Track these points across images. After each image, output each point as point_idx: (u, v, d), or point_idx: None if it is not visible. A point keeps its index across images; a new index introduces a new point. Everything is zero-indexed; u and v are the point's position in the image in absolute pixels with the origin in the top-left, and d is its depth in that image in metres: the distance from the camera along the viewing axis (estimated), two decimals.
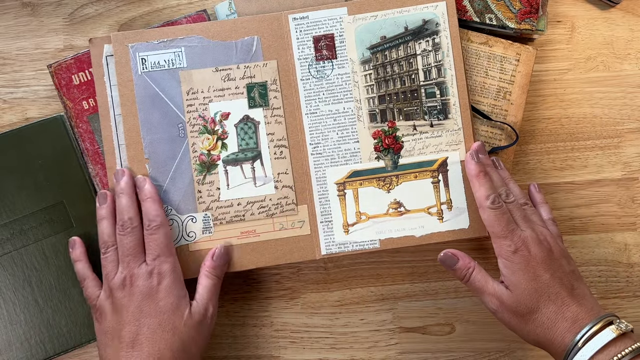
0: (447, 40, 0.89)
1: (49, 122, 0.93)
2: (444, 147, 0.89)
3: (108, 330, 0.81)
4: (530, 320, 0.78)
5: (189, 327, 0.81)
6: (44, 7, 0.99)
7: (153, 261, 0.82)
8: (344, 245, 0.89)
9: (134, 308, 0.80)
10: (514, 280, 0.79)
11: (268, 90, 0.90)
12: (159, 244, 0.83)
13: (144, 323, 0.79)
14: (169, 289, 0.81)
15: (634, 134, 0.97)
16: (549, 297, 0.78)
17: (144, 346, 0.78)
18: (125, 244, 0.83)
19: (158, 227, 0.84)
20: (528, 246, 0.79)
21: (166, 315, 0.80)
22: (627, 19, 0.99)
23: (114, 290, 0.81)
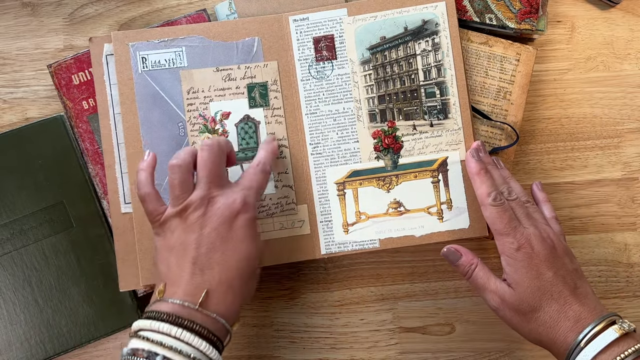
0: (447, 40, 0.89)
1: (49, 122, 0.93)
2: (444, 146, 0.89)
3: (174, 246, 0.76)
4: (532, 319, 0.78)
5: (259, 259, 0.78)
6: (44, 7, 0.99)
7: (242, 189, 0.78)
8: (344, 245, 0.89)
9: (209, 229, 0.75)
10: (517, 278, 0.78)
11: (268, 90, 0.91)
12: (258, 180, 0.80)
13: (219, 247, 0.75)
14: (249, 221, 0.77)
15: (634, 134, 0.97)
16: (552, 295, 0.77)
17: (215, 271, 0.74)
18: (208, 162, 0.78)
19: (267, 172, 0.82)
20: (531, 243, 0.79)
21: (244, 244, 0.76)
22: (627, 19, 0.99)
23: (189, 208, 0.76)
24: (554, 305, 0.77)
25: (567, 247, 0.82)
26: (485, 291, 0.81)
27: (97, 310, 0.91)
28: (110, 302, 0.91)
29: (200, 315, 0.71)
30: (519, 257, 0.78)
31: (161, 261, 0.76)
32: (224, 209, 0.76)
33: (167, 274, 0.75)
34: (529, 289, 0.77)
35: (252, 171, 0.80)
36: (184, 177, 0.77)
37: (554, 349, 0.77)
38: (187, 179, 0.77)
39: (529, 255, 0.78)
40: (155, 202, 0.78)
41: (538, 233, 0.80)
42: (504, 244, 0.80)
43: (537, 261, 0.78)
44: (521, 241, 0.79)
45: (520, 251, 0.78)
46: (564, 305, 0.77)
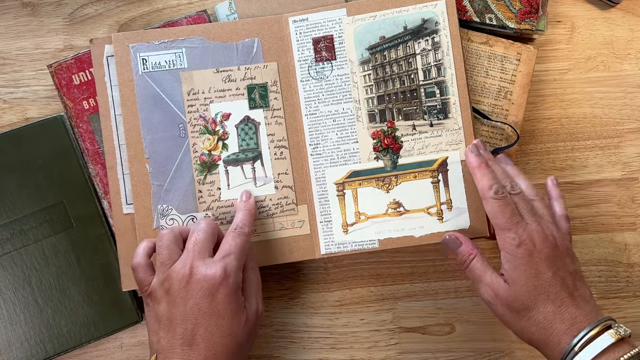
0: (447, 39, 0.89)
1: (49, 122, 0.93)
2: (444, 146, 0.88)
3: (161, 318, 0.77)
4: (525, 317, 0.77)
5: (246, 331, 0.78)
6: (44, 7, 0.99)
7: (222, 259, 0.78)
8: (343, 245, 0.89)
9: (192, 304, 0.75)
10: (514, 275, 0.77)
11: (268, 91, 0.91)
12: (237, 245, 0.80)
13: (202, 323, 0.75)
14: (229, 295, 0.77)
15: (634, 134, 0.97)
16: (548, 296, 0.76)
17: (201, 347, 0.74)
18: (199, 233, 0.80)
19: (245, 235, 0.82)
20: (533, 240, 0.77)
21: (225, 320, 0.76)
22: (627, 19, 0.99)
23: (172, 278, 0.77)
24: (550, 306, 0.76)
25: (570, 247, 0.81)
26: (480, 283, 0.80)
27: (97, 310, 0.91)
28: (110, 302, 0.91)
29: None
30: (518, 254, 0.77)
31: (152, 332, 0.78)
32: (204, 281, 0.76)
33: (157, 347, 0.77)
34: (525, 287, 0.77)
35: (230, 237, 0.81)
36: (170, 243, 0.80)
37: (547, 351, 0.76)
38: (173, 246, 0.80)
39: (529, 252, 0.77)
40: (144, 273, 0.80)
41: (541, 230, 0.78)
42: (504, 239, 0.78)
43: (537, 259, 0.77)
44: (522, 237, 0.77)
45: (521, 247, 0.77)
46: (560, 307, 0.76)
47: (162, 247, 0.79)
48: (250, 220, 0.84)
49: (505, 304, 0.78)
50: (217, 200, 0.89)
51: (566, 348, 0.73)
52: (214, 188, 0.89)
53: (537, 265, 0.77)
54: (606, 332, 0.72)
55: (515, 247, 0.77)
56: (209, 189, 0.89)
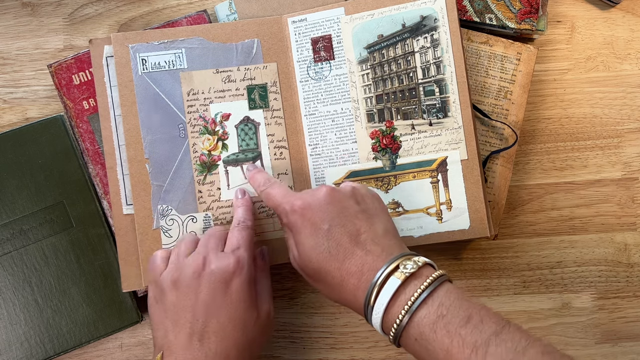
0: (447, 36, 0.88)
1: (49, 122, 0.93)
2: (444, 146, 0.88)
3: (169, 309, 0.75)
4: (321, 283, 0.72)
5: (257, 328, 0.77)
6: (44, 7, 0.99)
7: (233, 252, 0.77)
8: None
9: (204, 295, 0.74)
10: (296, 240, 0.73)
11: (268, 92, 0.91)
12: (245, 239, 0.79)
13: (214, 315, 0.74)
14: (244, 285, 0.76)
15: (634, 134, 0.97)
16: (330, 252, 0.70)
17: (212, 342, 0.73)
18: (211, 233, 0.81)
19: (249, 227, 0.82)
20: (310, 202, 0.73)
21: (239, 312, 0.75)
22: (627, 19, 0.99)
23: (184, 268, 0.76)
24: (334, 262, 0.70)
25: (359, 188, 0.77)
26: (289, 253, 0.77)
27: (97, 310, 0.91)
28: (110, 302, 0.91)
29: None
30: (292, 219, 0.73)
31: (157, 327, 0.77)
32: (218, 273, 0.75)
33: (163, 342, 0.75)
34: (307, 250, 0.72)
35: (236, 231, 0.81)
36: (188, 242, 0.81)
37: (357, 311, 0.70)
38: (191, 245, 0.80)
39: (302, 215, 0.73)
40: (158, 262, 0.80)
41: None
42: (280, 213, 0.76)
43: (310, 214, 0.73)
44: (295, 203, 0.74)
45: (295, 213, 0.73)
46: (344, 261, 0.70)
47: (180, 242, 0.80)
48: (250, 214, 0.84)
49: (301, 272, 0.75)
50: (217, 200, 0.89)
51: (363, 303, 0.68)
52: (213, 188, 0.89)
53: (311, 222, 0.72)
54: (393, 275, 0.66)
55: (289, 214, 0.74)
56: (209, 189, 0.89)
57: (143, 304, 0.90)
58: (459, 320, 0.63)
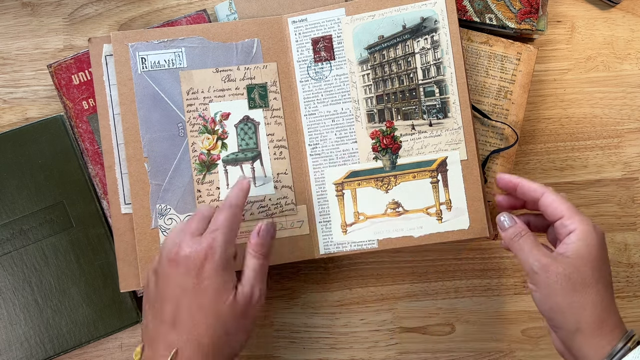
0: (447, 37, 0.88)
1: (49, 122, 0.93)
2: (443, 146, 0.88)
3: (150, 300, 0.76)
4: (580, 292, 0.72)
5: (234, 313, 0.74)
6: (44, 7, 0.99)
7: (208, 234, 0.75)
8: (342, 245, 0.89)
9: (174, 284, 0.74)
10: (584, 252, 0.73)
11: (268, 91, 0.91)
12: (223, 219, 0.77)
13: (184, 303, 0.73)
14: (216, 270, 0.73)
15: (634, 134, 0.97)
16: (606, 281, 0.73)
17: (183, 328, 0.72)
18: (193, 216, 0.79)
19: (230, 206, 0.78)
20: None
21: (207, 298, 0.73)
22: (627, 19, 0.99)
23: (162, 259, 0.76)
24: (606, 292, 0.73)
25: None
26: (529, 254, 0.75)
27: (97, 310, 0.91)
28: (110, 302, 0.91)
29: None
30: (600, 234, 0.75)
31: (144, 317, 0.78)
32: (189, 259, 0.74)
33: (145, 333, 0.76)
34: (590, 264, 0.72)
35: (218, 211, 0.78)
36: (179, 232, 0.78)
37: (595, 332, 0.72)
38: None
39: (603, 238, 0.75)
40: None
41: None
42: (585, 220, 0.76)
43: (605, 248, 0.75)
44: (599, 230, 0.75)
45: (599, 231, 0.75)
46: (612, 296, 0.74)
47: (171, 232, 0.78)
48: (241, 195, 0.80)
49: (560, 273, 0.72)
50: (216, 199, 0.89)
51: (627, 334, 0.71)
52: (212, 187, 0.89)
53: (605, 253, 0.75)
54: None
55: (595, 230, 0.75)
56: (208, 188, 0.89)
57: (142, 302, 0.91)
58: None
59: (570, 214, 0.75)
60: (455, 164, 0.88)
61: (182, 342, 0.72)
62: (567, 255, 0.73)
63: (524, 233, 0.77)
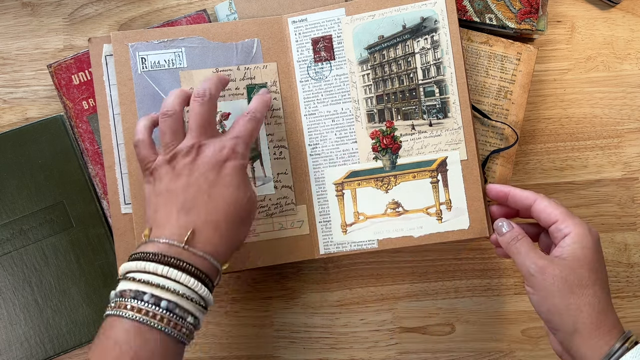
0: (447, 37, 0.88)
1: (49, 122, 0.93)
2: (443, 146, 0.88)
3: (162, 191, 0.76)
4: (577, 294, 0.73)
5: (249, 206, 0.77)
6: (44, 7, 0.99)
7: (230, 139, 0.78)
8: (342, 245, 0.89)
9: (197, 175, 0.75)
10: (580, 254, 0.74)
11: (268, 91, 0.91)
12: (247, 128, 0.79)
13: (205, 191, 0.75)
14: (237, 169, 0.77)
15: (634, 134, 0.97)
16: (603, 283, 0.74)
17: (202, 212, 0.74)
18: (199, 112, 0.78)
19: (257, 120, 0.81)
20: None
21: (230, 189, 0.76)
22: (627, 19, 0.99)
23: (178, 155, 0.76)
24: (603, 293, 0.74)
25: None
26: (526, 256, 0.76)
27: (97, 310, 0.91)
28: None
29: (187, 254, 0.71)
30: (596, 238, 0.76)
31: (149, 207, 0.77)
32: (212, 156, 0.76)
33: (154, 218, 0.75)
34: (587, 266, 0.74)
35: (242, 121, 0.80)
36: (175, 125, 0.77)
37: (593, 333, 0.72)
38: (178, 127, 0.78)
39: (598, 243, 0.77)
40: (147, 150, 0.78)
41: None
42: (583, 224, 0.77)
43: (601, 254, 0.77)
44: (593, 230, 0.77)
45: (595, 235, 0.77)
46: (608, 296, 0.74)
47: (166, 128, 0.78)
48: (264, 108, 0.83)
49: (557, 275, 0.73)
50: None
51: (625, 335, 0.72)
52: None
53: (601, 255, 0.76)
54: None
55: (590, 232, 0.76)
56: None
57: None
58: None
59: (565, 218, 0.77)
60: (455, 164, 0.88)
61: (200, 223, 0.73)
62: (563, 257, 0.74)
63: (521, 237, 0.78)
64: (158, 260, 0.69)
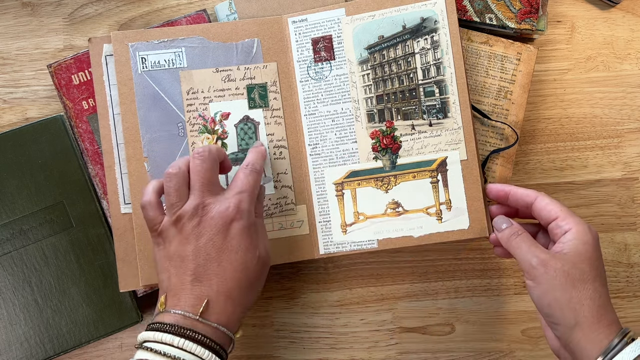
0: (447, 37, 0.88)
1: (49, 122, 0.93)
2: (443, 146, 0.88)
3: (173, 256, 0.76)
4: (578, 288, 0.73)
5: (258, 267, 0.78)
6: (44, 7, 0.99)
7: (234, 195, 0.78)
8: (342, 245, 0.89)
9: (205, 240, 0.75)
10: (582, 249, 0.75)
11: (268, 91, 0.91)
12: (249, 182, 0.79)
13: (215, 258, 0.75)
14: (244, 229, 0.77)
15: (634, 134, 0.97)
16: (602, 279, 0.75)
17: (214, 282, 0.74)
18: (201, 170, 0.78)
19: (257, 172, 0.81)
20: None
21: (239, 254, 0.76)
22: (627, 19, 0.99)
23: (184, 217, 0.76)
24: (603, 288, 0.75)
25: None
26: (527, 251, 0.77)
27: (97, 310, 0.91)
28: (110, 302, 0.91)
29: (201, 325, 0.72)
30: (594, 236, 0.77)
31: (162, 272, 0.77)
32: (218, 218, 0.76)
33: (168, 286, 0.76)
34: (588, 260, 0.75)
35: (242, 174, 0.80)
36: (179, 184, 0.77)
37: (593, 327, 0.72)
38: (182, 187, 0.77)
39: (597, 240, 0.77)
40: (154, 211, 0.78)
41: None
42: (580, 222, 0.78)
43: (600, 250, 0.77)
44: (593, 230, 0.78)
45: (594, 233, 0.77)
46: (607, 290, 0.75)
47: (171, 189, 0.77)
48: (261, 160, 0.83)
49: (559, 268, 0.74)
50: None
51: (623, 331, 0.72)
52: None
53: (600, 253, 0.77)
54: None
55: (590, 230, 0.77)
56: None
57: (143, 303, 0.91)
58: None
59: (565, 215, 0.78)
60: (455, 164, 0.88)
61: (213, 293, 0.74)
62: (564, 252, 0.75)
63: (521, 232, 0.79)
64: (174, 332, 0.71)
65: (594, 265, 0.75)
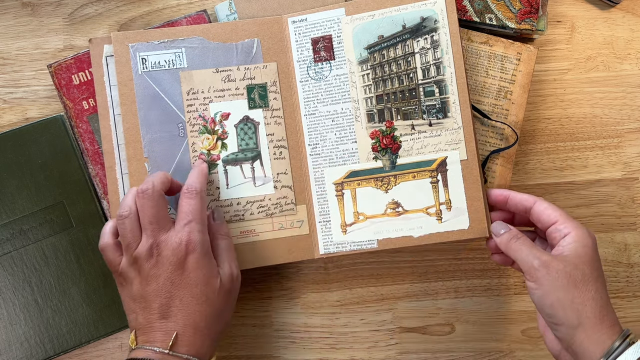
0: (447, 37, 0.88)
1: (49, 122, 0.93)
2: (443, 146, 0.88)
3: (136, 296, 0.78)
4: (580, 289, 0.74)
5: (222, 295, 0.79)
6: (44, 7, 0.99)
7: (184, 227, 0.78)
8: (342, 245, 0.89)
9: (163, 279, 0.77)
10: (582, 251, 0.76)
11: (268, 91, 0.91)
12: (194, 209, 0.80)
13: (176, 295, 0.77)
14: (199, 260, 0.78)
15: (634, 134, 0.97)
16: (602, 280, 0.76)
17: (179, 317, 0.76)
18: (148, 209, 0.78)
19: (197, 193, 0.81)
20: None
21: (199, 287, 0.77)
22: (627, 19, 0.99)
23: (140, 259, 0.77)
24: (603, 289, 0.75)
25: None
26: (528, 253, 0.77)
27: (97, 310, 0.91)
28: (110, 302, 0.91)
29: (172, 358, 0.74)
30: (593, 239, 0.78)
31: (128, 312, 0.80)
32: (172, 256, 0.77)
33: (136, 325, 0.78)
34: (590, 262, 0.75)
35: (185, 201, 0.81)
36: (132, 226, 0.79)
37: (596, 327, 0.73)
38: (135, 228, 0.79)
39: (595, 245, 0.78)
40: (113, 253, 0.80)
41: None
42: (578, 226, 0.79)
43: (598, 253, 0.78)
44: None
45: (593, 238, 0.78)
46: (606, 291, 0.76)
47: (125, 231, 0.78)
48: (202, 178, 0.84)
49: (561, 269, 0.74)
50: (216, 199, 0.89)
51: (624, 332, 0.73)
52: (212, 187, 0.89)
53: (599, 257, 0.78)
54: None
55: (589, 234, 0.78)
56: (208, 188, 0.89)
57: None
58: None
59: (564, 219, 0.78)
60: (455, 164, 0.88)
61: (180, 328, 0.76)
62: (564, 254, 0.76)
63: (520, 236, 0.80)
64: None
65: (594, 267, 0.75)
